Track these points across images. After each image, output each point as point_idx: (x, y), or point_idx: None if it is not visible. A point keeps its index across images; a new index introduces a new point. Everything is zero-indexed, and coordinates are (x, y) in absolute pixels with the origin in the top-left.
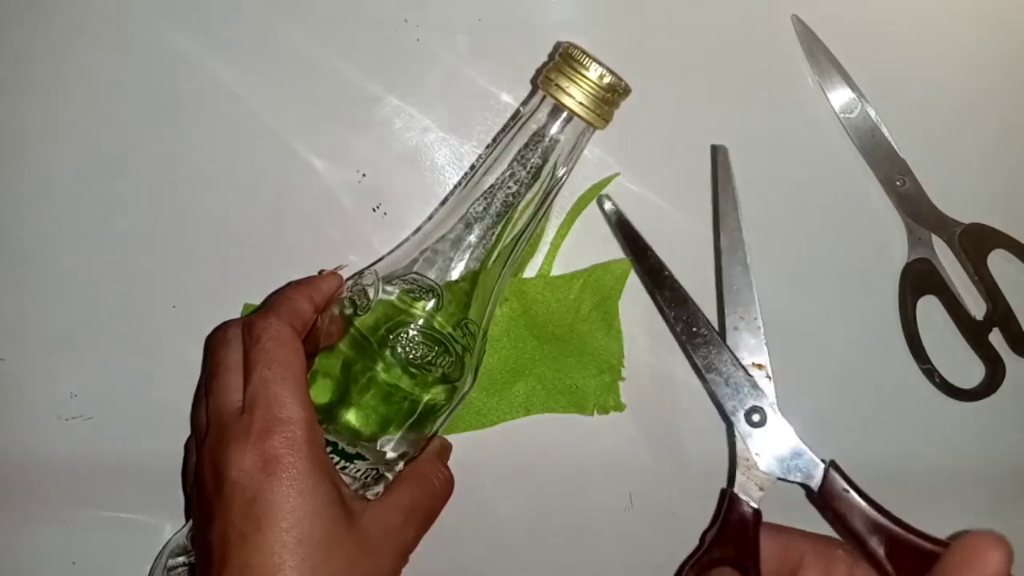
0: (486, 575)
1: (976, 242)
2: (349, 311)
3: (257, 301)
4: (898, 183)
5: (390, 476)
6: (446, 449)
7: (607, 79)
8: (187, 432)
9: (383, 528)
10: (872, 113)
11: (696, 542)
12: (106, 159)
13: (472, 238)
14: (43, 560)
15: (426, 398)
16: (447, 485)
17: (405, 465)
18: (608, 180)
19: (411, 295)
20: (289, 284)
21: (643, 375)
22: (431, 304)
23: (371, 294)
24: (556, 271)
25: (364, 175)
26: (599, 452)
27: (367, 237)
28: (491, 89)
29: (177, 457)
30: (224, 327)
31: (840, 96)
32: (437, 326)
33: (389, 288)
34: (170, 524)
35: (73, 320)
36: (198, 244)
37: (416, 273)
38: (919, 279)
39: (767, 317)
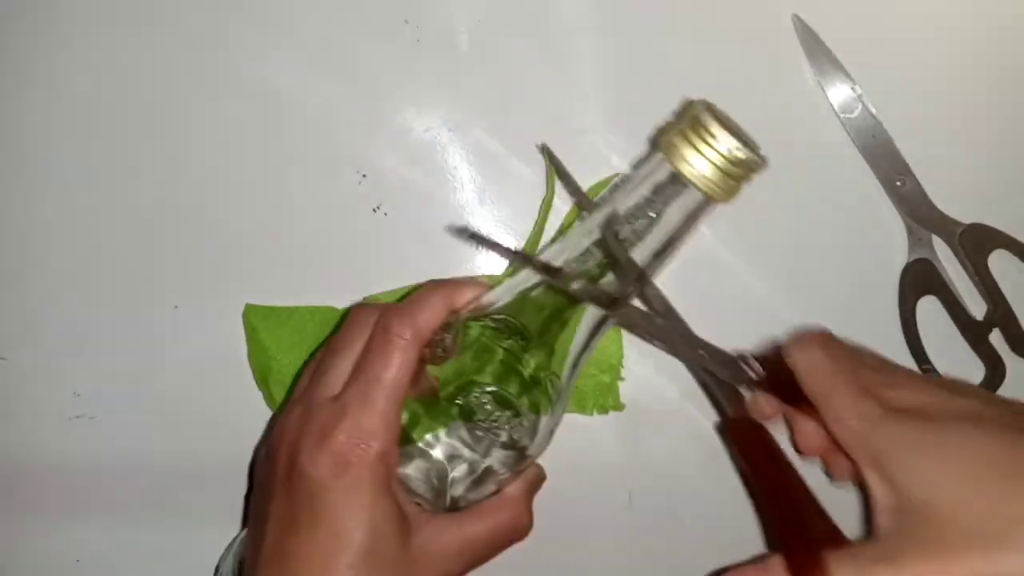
0: (484, 574)
1: (977, 242)
2: (427, 357)
3: (259, 301)
4: (898, 183)
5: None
6: (538, 481)
7: (740, 154)
8: (189, 431)
9: (434, 550)
10: (872, 113)
11: (696, 542)
12: (109, 159)
13: (556, 300)
14: (47, 558)
15: (488, 460)
16: (521, 530)
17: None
18: (607, 181)
19: (497, 335)
20: (434, 284)
21: (642, 375)
22: (516, 345)
23: (448, 343)
24: None
25: (364, 176)
26: (599, 452)
27: (368, 238)
28: (492, 90)
29: (179, 455)
30: (369, 309)
31: (840, 95)
32: (514, 382)
33: (474, 325)
34: (174, 522)
35: (76, 320)
36: (200, 244)
37: (506, 315)
38: (919, 279)
39: (766, 317)
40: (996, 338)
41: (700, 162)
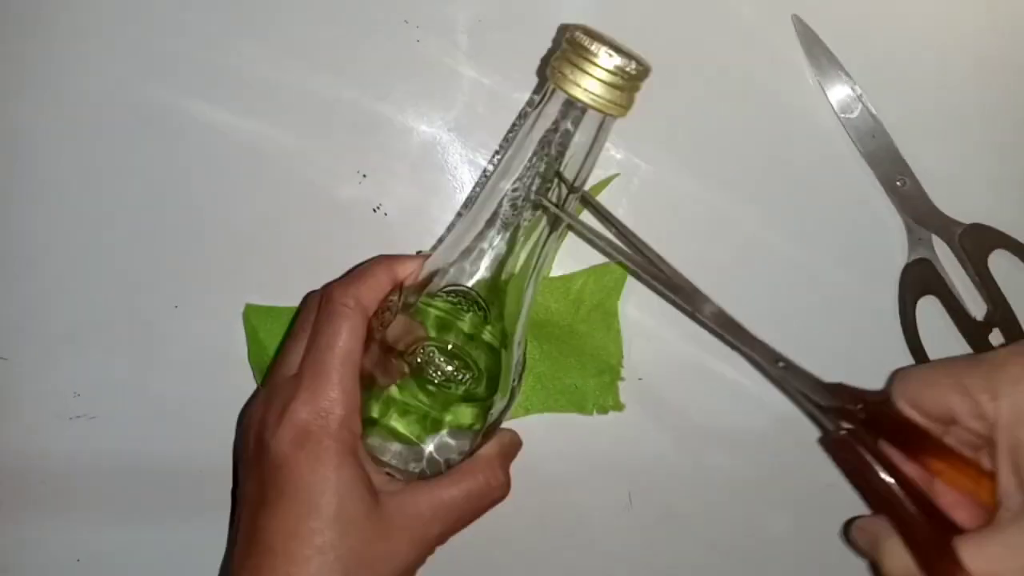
0: (485, 572)
1: (977, 243)
2: (375, 326)
3: (259, 301)
4: (898, 183)
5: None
6: (513, 446)
7: (619, 62)
8: (188, 431)
9: (406, 517)
10: (872, 113)
11: (695, 541)
12: (109, 160)
13: (497, 246)
14: (47, 558)
15: (448, 417)
16: (496, 491)
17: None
18: (607, 181)
19: (440, 304)
20: (376, 258)
21: (642, 375)
22: (463, 313)
23: (393, 308)
24: (555, 272)
25: (365, 176)
26: (598, 452)
27: (368, 238)
28: (493, 89)
29: (179, 455)
30: (317, 292)
31: (840, 96)
32: (461, 340)
33: (412, 299)
34: (173, 521)
35: (76, 320)
36: (199, 244)
37: (448, 284)
38: (919, 279)
39: (767, 317)
40: (996, 338)
41: (587, 81)
